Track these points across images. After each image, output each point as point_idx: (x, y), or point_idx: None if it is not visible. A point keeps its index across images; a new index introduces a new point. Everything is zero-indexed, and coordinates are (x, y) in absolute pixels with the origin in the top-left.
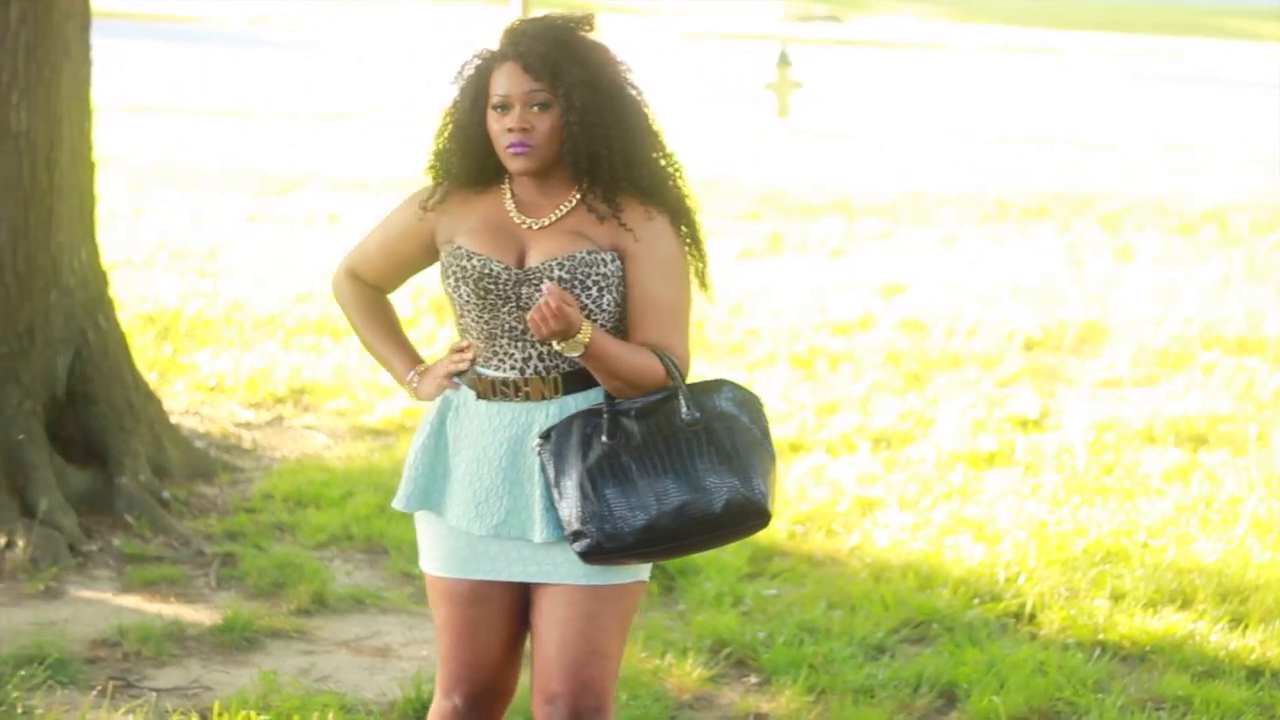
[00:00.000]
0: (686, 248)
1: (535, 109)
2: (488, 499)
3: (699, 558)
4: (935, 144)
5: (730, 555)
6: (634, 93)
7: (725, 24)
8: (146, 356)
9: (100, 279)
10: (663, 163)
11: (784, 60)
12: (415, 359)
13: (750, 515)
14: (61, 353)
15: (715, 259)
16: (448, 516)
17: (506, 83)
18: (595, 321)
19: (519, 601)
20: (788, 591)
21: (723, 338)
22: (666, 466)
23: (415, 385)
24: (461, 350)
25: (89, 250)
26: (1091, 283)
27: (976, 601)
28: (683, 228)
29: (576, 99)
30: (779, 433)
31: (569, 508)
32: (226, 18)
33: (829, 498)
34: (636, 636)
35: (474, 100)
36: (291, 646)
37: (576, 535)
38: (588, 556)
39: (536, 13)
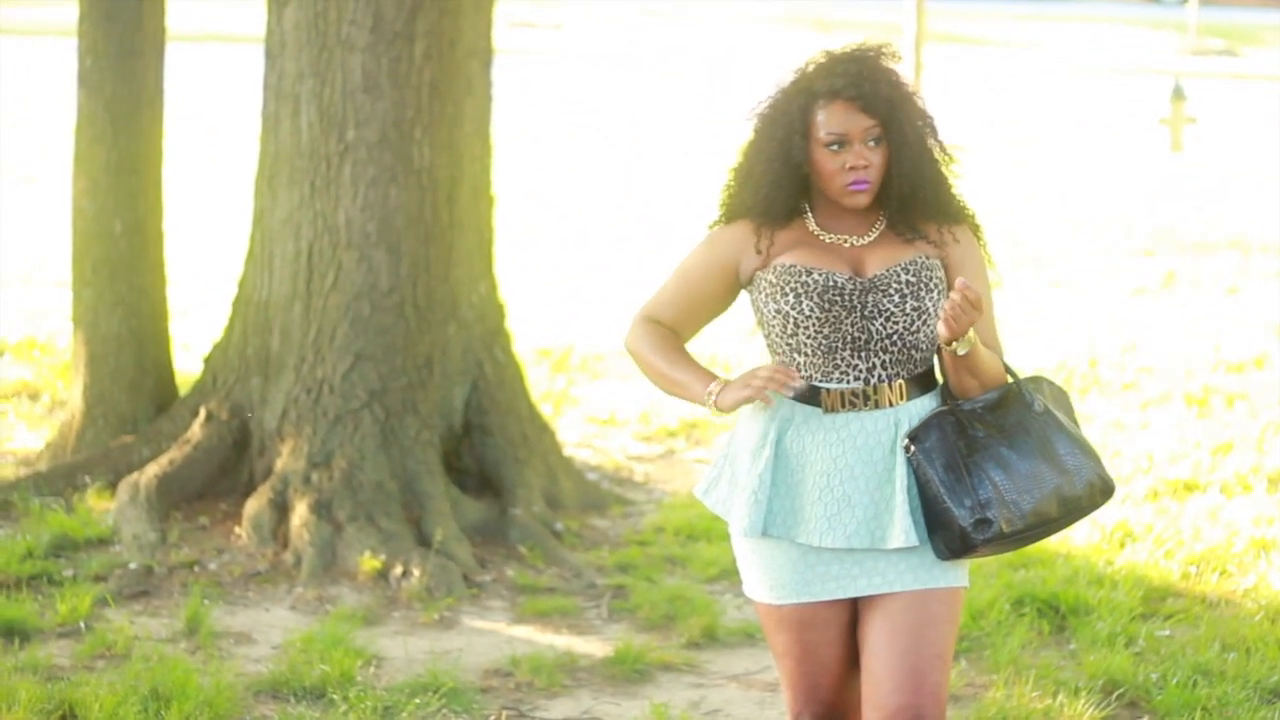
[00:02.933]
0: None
1: (871, 144)
2: (839, 511)
3: (1091, 597)
4: None
5: (1123, 595)
6: (933, 122)
7: (1119, 58)
8: (540, 389)
9: (497, 312)
10: (952, 176)
11: (1178, 94)
12: (712, 376)
13: (1103, 494)
14: (459, 385)
15: (1109, 296)
16: (797, 534)
17: (843, 120)
18: (928, 325)
19: (852, 617)
20: (1181, 633)
21: (1116, 375)
22: (1036, 453)
23: (716, 397)
24: (786, 372)
25: (487, 284)
26: None
27: None
28: (977, 233)
29: (911, 136)
30: (1173, 472)
31: (964, 499)
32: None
33: (1224, 538)
34: (1028, 675)
35: (803, 136)
36: (682, 680)
37: (979, 524)
38: (987, 545)
39: (840, 44)
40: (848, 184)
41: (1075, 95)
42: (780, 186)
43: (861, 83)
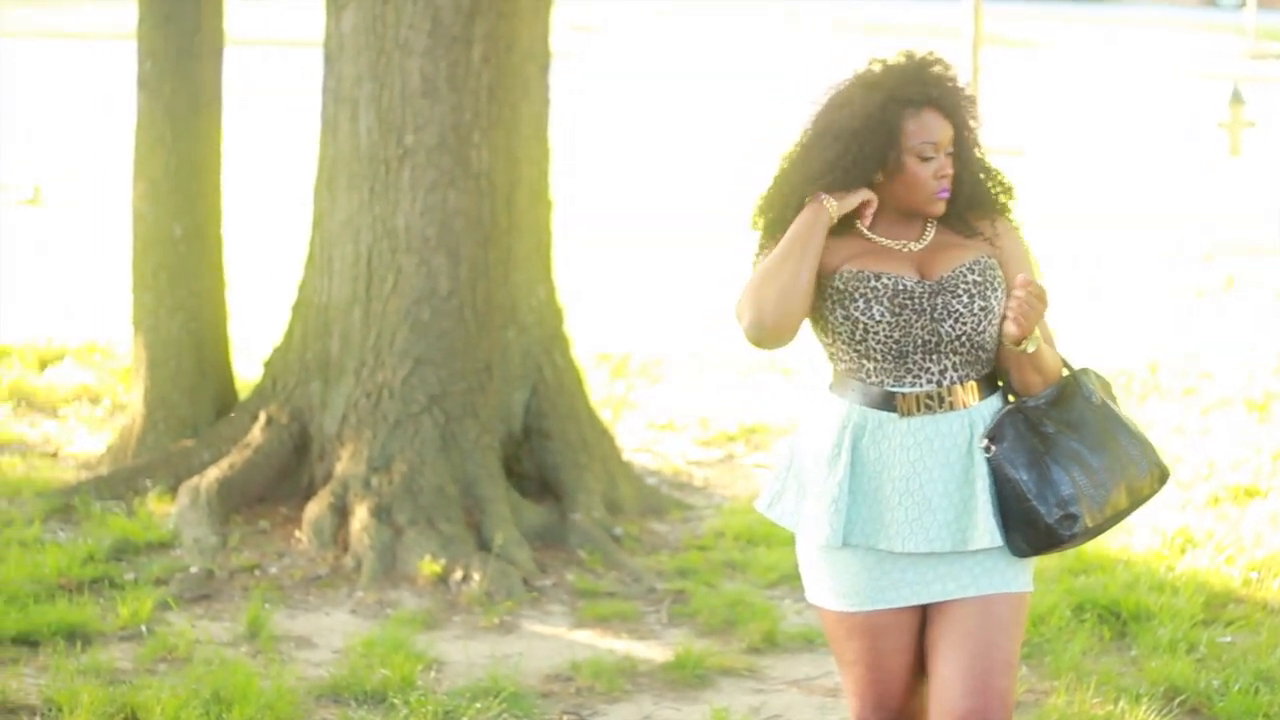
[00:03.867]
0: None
1: (950, 152)
2: (921, 515)
3: (1153, 603)
4: None
5: (1184, 601)
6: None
7: (1177, 62)
8: (599, 394)
9: (556, 316)
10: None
11: (1237, 98)
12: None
13: (1160, 480)
14: (518, 389)
15: (1169, 301)
16: (878, 541)
17: (933, 129)
18: (994, 324)
19: (921, 623)
20: (1243, 639)
21: (1177, 381)
22: (1102, 445)
23: (829, 201)
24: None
25: (546, 288)
26: None
27: None
28: (1015, 224)
29: (975, 138)
30: (1233, 478)
31: (1048, 496)
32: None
33: None
34: (1089, 681)
35: (895, 143)
36: (742, 685)
37: (1066, 519)
38: (1073, 539)
39: (894, 51)
40: (936, 192)
41: (1133, 99)
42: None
43: (947, 90)
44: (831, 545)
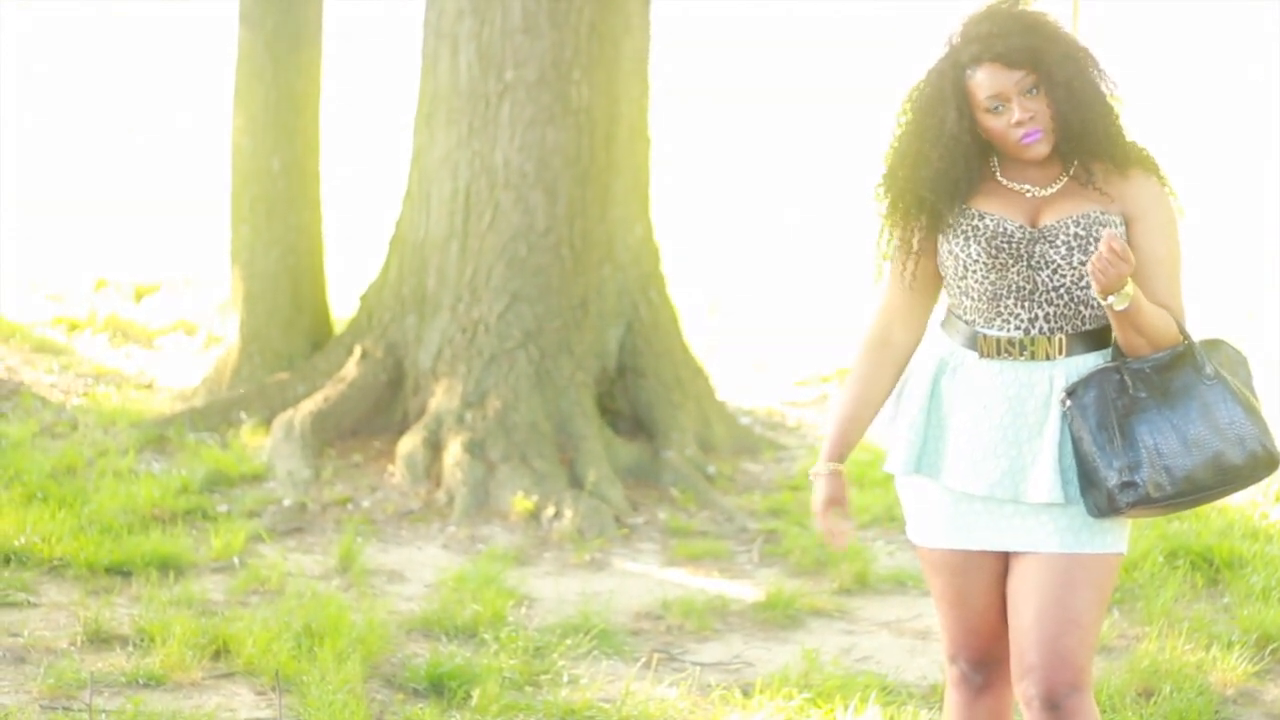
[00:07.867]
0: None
1: (1030, 94)
2: (984, 458)
3: (1246, 551)
4: None
5: (1278, 549)
6: (1092, 56)
7: None
8: (694, 333)
9: (653, 255)
10: (1122, 121)
11: None
12: (840, 456)
13: (1266, 465)
14: (613, 326)
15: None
16: (943, 477)
17: (993, 82)
18: None
19: (1005, 568)
20: None
21: (1275, 326)
22: (1195, 418)
23: (813, 478)
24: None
25: (643, 226)
26: None
27: None
28: (1162, 181)
29: (1059, 74)
30: None
31: (1113, 460)
32: None
33: None
34: (1181, 628)
35: (960, 110)
36: (833, 626)
37: (1125, 486)
38: (1133, 508)
39: (974, 7)
40: (1020, 139)
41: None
42: (964, 162)
43: (994, 41)
44: (903, 472)
